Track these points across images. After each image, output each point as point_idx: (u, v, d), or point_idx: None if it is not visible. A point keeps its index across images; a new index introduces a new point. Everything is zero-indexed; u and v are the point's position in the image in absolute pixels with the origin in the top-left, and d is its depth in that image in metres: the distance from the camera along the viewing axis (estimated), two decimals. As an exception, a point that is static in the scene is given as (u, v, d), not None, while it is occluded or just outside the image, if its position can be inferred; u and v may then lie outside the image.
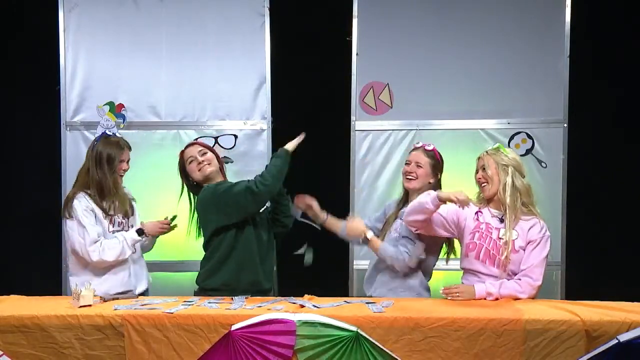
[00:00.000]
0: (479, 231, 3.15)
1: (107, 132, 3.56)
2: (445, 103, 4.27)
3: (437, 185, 3.41)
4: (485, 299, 2.99)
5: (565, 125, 4.21)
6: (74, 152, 4.36)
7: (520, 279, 3.04)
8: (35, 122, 4.57)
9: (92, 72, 4.37)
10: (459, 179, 4.18)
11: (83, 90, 4.37)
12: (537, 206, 3.18)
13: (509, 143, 4.24)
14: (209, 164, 3.40)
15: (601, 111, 4.37)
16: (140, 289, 3.49)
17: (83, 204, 3.36)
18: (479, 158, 3.27)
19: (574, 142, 4.21)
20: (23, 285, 3.34)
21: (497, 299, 2.99)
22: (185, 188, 3.51)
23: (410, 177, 3.37)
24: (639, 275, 4.10)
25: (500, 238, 3.08)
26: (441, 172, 3.45)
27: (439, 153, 3.44)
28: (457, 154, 4.21)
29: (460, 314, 2.66)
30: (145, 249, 3.64)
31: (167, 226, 3.52)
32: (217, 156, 3.51)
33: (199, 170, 3.40)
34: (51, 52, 4.34)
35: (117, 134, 3.55)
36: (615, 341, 2.49)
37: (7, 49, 4.63)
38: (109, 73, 4.37)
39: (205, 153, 3.43)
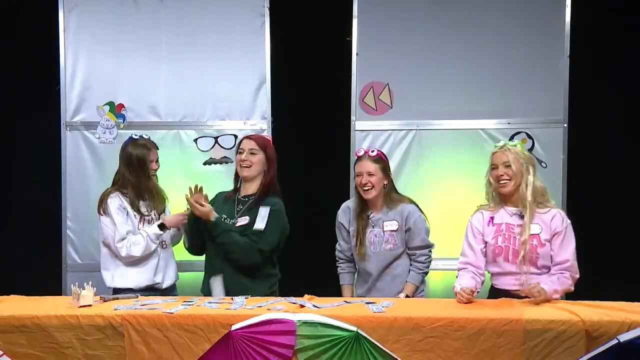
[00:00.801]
0: (501, 234, 3.12)
1: (134, 135, 3.68)
2: (445, 103, 4.27)
3: (391, 185, 3.50)
4: (552, 297, 2.93)
5: (565, 125, 4.21)
6: (74, 152, 4.36)
7: (564, 273, 3.02)
8: (35, 122, 4.57)
9: (92, 72, 4.37)
10: (459, 179, 4.21)
11: (83, 90, 4.38)
12: (550, 200, 3.17)
13: (509, 143, 4.24)
14: (247, 167, 3.46)
15: (601, 111, 4.37)
16: (167, 283, 3.64)
17: (116, 202, 3.55)
18: (494, 153, 3.19)
19: (574, 142, 4.21)
20: (23, 285, 3.33)
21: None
22: None
23: (366, 188, 3.41)
24: (639, 275, 4.10)
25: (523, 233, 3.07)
26: (389, 169, 3.52)
27: (382, 153, 3.53)
28: (457, 154, 4.23)
29: (460, 314, 2.66)
30: (174, 240, 3.74)
31: (185, 218, 3.57)
32: (269, 159, 3.49)
33: (240, 167, 3.49)
34: (51, 52, 4.34)
35: (143, 136, 3.67)
36: (615, 341, 2.49)
37: (7, 48, 4.62)
38: (109, 73, 4.37)
39: (253, 153, 3.45)
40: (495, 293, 3.13)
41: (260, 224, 3.38)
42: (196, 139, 4.37)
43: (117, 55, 4.36)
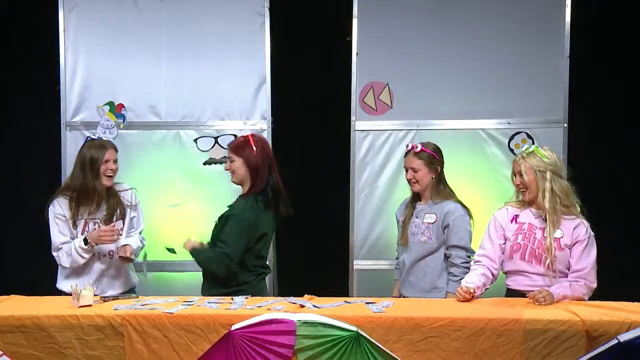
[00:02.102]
0: (521, 232, 3.14)
1: (92, 135, 3.66)
2: (445, 103, 4.26)
3: (441, 176, 3.55)
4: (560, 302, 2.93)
5: (565, 125, 4.21)
6: (74, 152, 4.30)
7: (578, 281, 3.02)
8: (35, 122, 4.56)
9: (92, 72, 4.37)
10: (459, 178, 4.19)
11: (83, 90, 4.37)
12: (578, 207, 3.16)
13: (509, 143, 4.23)
14: (232, 174, 3.47)
15: (601, 111, 4.37)
16: (110, 294, 3.44)
17: (56, 210, 3.56)
18: (514, 160, 3.22)
19: (574, 142, 4.21)
20: (23, 285, 3.34)
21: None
22: None
23: (413, 182, 3.53)
24: (639, 275, 4.10)
25: (545, 237, 3.07)
26: (440, 163, 3.55)
27: (428, 149, 3.54)
28: (457, 154, 4.21)
29: (460, 314, 2.66)
30: (138, 268, 3.73)
31: (109, 234, 3.48)
32: (248, 162, 3.44)
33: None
34: (51, 52, 4.34)
35: (102, 137, 3.65)
36: (615, 341, 2.49)
37: (7, 48, 4.62)
38: (109, 73, 4.36)
39: (232, 160, 3.45)
40: (511, 295, 3.14)
41: (223, 231, 3.36)
42: (196, 139, 4.36)
43: (117, 55, 4.35)
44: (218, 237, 3.35)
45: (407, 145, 3.63)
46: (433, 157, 3.53)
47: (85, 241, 3.49)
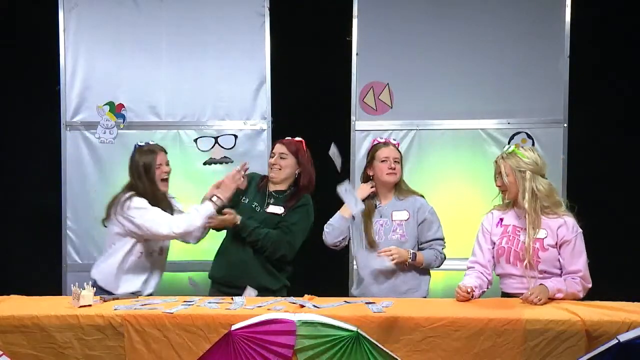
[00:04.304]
0: (506, 235, 3.13)
1: (139, 143, 3.56)
2: (445, 103, 4.27)
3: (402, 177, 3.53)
4: (555, 295, 2.93)
5: (565, 125, 4.21)
6: (74, 152, 4.36)
7: (575, 279, 3.01)
8: (35, 122, 4.57)
9: (92, 72, 4.38)
10: (459, 179, 4.21)
11: (83, 90, 4.38)
12: (562, 205, 3.11)
13: (509, 143, 4.23)
14: (278, 170, 3.56)
15: (601, 111, 4.37)
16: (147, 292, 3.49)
17: (142, 200, 3.42)
18: (495, 161, 3.19)
19: (574, 142, 4.21)
20: (23, 285, 3.34)
21: (564, 298, 2.95)
22: None
23: (393, 173, 3.45)
24: (639, 275, 4.10)
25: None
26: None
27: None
28: (457, 154, 4.23)
29: (460, 314, 2.66)
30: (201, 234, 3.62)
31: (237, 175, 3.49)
32: (300, 163, 3.60)
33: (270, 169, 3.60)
34: (51, 52, 4.35)
35: (150, 142, 3.57)
36: (615, 341, 2.49)
37: (7, 48, 4.62)
38: (109, 73, 4.37)
39: (283, 157, 3.54)
40: (505, 297, 3.13)
41: (294, 218, 3.49)
42: (196, 139, 4.37)
43: (117, 55, 4.36)
44: (284, 220, 3.46)
45: (381, 138, 3.61)
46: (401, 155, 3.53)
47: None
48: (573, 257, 3.04)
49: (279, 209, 3.52)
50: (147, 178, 3.46)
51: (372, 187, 3.47)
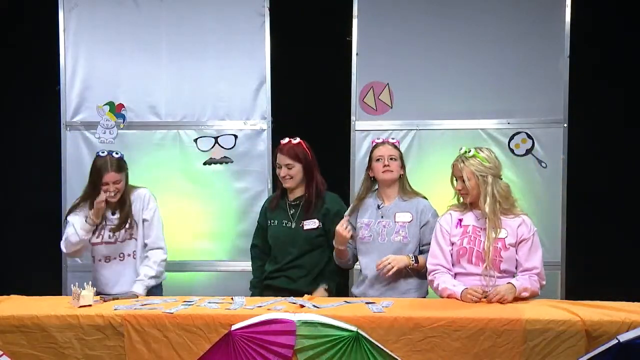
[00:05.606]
0: (467, 236, 3.14)
1: (100, 152, 3.54)
2: (445, 103, 4.27)
3: (405, 177, 3.52)
4: (521, 294, 2.94)
5: (565, 125, 4.21)
6: (74, 152, 4.36)
7: (533, 277, 3.02)
8: (35, 122, 4.56)
9: (92, 72, 4.37)
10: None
11: (83, 90, 4.37)
12: (517, 204, 3.16)
13: (509, 143, 4.24)
14: (289, 179, 3.59)
15: (601, 111, 4.37)
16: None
17: (72, 214, 3.57)
18: (453, 164, 3.21)
19: (574, 142, 4.21)
20: (23, 285, 3.34)
21: (529, 296, 2.97)
22: None
23: (388, 171, 3.43)
24: (639, 275, 4.10)
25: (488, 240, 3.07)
26: (404, 162, 3.55)
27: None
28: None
29: (460, 314, 2.66)
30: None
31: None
32: (306, 167, 3.63)
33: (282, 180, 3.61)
34: (51, 52, 4.34)
35: (114, 154, 3.50)
36: (615, 341, 2.49)
37: (7, 48, 4.62)
38: (109, 73, 4.37)
39: (290, 167, 3.57)
40: None
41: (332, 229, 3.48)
42: (196, 139, 4.37)
43: (117, 55, 4.36)
44: (322, 235, 3.56)
45: (379, 138, 3.62)
46: (402, 154, 3.53)
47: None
48: (530, 254, 3.07)
49: (313, 223, 3.55)
50: (91, 187, 3.51)
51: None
